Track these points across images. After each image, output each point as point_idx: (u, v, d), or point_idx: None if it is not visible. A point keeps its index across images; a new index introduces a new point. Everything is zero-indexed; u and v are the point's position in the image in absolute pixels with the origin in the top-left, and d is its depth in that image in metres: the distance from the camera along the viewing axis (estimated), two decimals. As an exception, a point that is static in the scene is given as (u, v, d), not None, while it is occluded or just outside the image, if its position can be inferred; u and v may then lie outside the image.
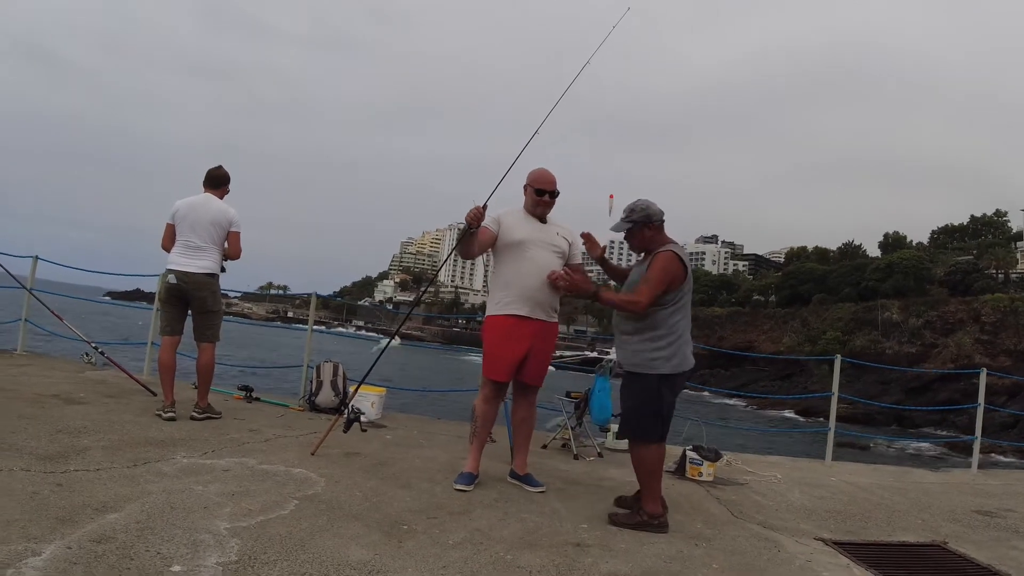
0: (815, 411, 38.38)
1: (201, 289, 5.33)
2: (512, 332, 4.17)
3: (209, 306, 5.42)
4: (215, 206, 5.43)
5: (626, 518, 3.76)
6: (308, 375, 6.71)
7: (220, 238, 5.44)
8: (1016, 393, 39.03)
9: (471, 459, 4.25)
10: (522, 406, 4.43)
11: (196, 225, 5.33)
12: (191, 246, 5.32)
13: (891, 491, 5.65)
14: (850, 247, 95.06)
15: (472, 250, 4.29)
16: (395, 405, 7.14)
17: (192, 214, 5.35)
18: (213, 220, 5.37)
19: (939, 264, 70.01)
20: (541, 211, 4.32)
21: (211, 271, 5.39)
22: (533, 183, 4.31)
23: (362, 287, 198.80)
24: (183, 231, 5.34)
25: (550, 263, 4.20)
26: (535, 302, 4.17)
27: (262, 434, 4.97)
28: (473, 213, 4.10)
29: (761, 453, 7.74)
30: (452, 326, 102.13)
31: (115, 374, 6.70)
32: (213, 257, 5.40)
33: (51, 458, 3.70)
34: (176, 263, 5.30)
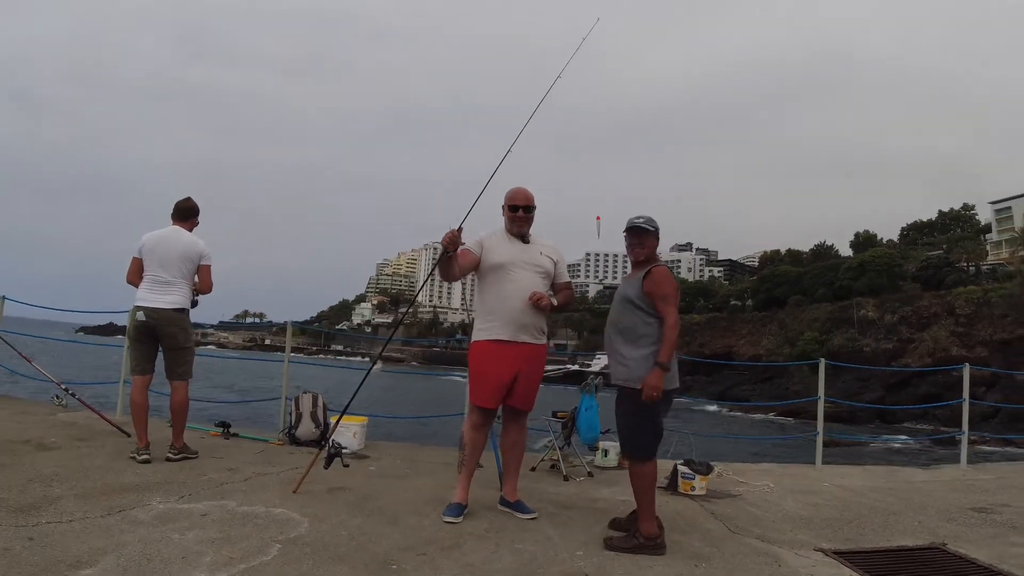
0: (798, 412, 38.59)
1: (171, 325, 5.15)
2: (498, 357, 4.07)
3: (180, 342, 5.22)
4: (184, 239, 5.27)
5: (622, 542, 3.67)
6: (287, 407, 6.53)
7: (190, 272, 5.27)
8: (994, 383, 39.46)
9: (460, 489, 4.11)
10: (512, 430, 4.31)
11: (164, 259, 5.16)
12: (159, 281, 5.14)
13: (883, 493, 5.62)
14: (822, 248, 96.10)
15: (452, 273, 4.13)
16: (378, 433, 6.98)
17: (160, 248, 5.19)
18: (182, 254, 5.21)
19: (911, 260, 70.94)
20: (518, 228, 4.23)
21: (181, 306, 5.21)
22: (507, 201, 4.27)
23: (339, 311, 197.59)
24: (151, 265, 5.17)
25: (533, 284, 4.12)
26: (519, 325, 4.07)
27: (241, 472, 4.80)
28: (449, 236, 3.98)
29: (751, 461, 7.69)
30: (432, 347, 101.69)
31: (87, 416, 6.49)
32: (183, 292, 5.22)
33: (23, 510, 3.55)
34: (144, 299, 5.13)
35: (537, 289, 4.11)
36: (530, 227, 4.29)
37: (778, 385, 52.76)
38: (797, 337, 61.58)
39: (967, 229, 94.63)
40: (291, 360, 7.28)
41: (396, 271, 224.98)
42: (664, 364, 3.66)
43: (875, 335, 56.90)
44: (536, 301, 4.03)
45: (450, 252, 4.02)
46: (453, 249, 4.01)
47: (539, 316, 4.14)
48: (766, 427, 37.93)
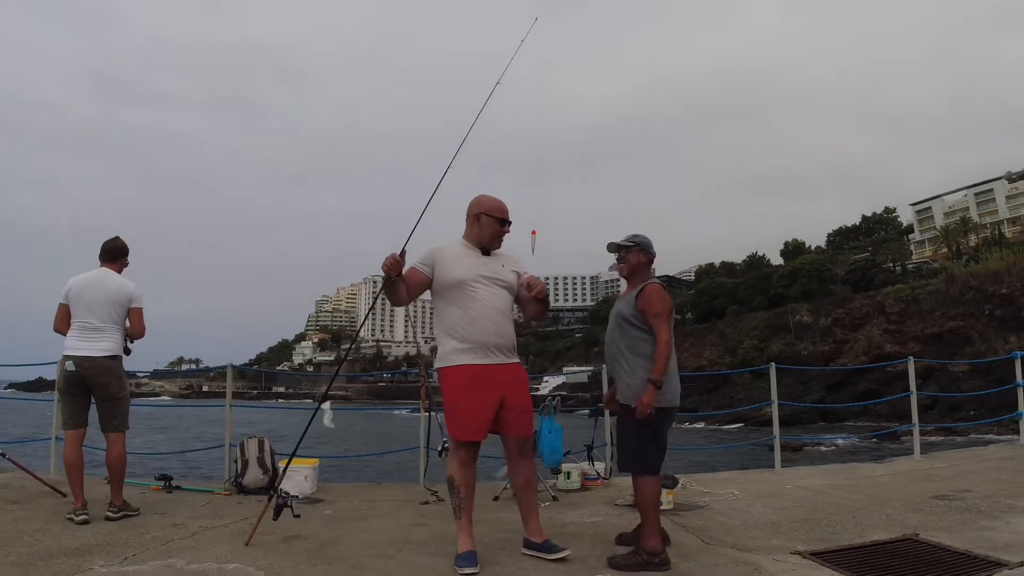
0: (743, 419, 39.29)
1: (103, 374, 4.82)
2: (475, 381, 3.69)
3: (114, 392, 4.87)
4: (113, 282, 4.95)
5: (626, 559, 3.61)
6: (232, 455, 6.21)
7: (120, 316, 4.94)
8: (929, 376, 40.82)
9: (463, 535, 3.68)
10: (521, 466, 3.82)
11: (93, 304, 4.83)
12: (88, 327, 4.82)
13: (846, 490, 5.64)
14: (755, 258, 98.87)
15: (400, 298, 3.79)
16: (331, 475, 6.72)
17: (88, 292, 4.86)
18: (111, 297, 4.88)
19: (839, 264, 73.46)
20: (499, 243, 3.94)
21: (113, 353, 4.89)
22: (491, 211, 3.89)
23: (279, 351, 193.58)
24: (78, 312, 4.84)
25: (499, 301, 3.82)
26: (491, 346, 3.74)
27: (188, 528, 4.49)
28: (389, 262, 3.66)
29: (708, 471, 7.67)
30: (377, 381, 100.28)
31: (19, 476, 6.01)
32: (114, 338, 4.90)
33: (-47, 585, 3.23)
34: (73, 348, 4.80)
35: (502, 306, 3.83)
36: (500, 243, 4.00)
37: (722, 394, 53.66)
38: (737, 346, 62.86)
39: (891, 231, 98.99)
40: (233, 405, 6.96)
41: (336, 307, 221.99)
42: (656, 381, 3.68)
43: (811, 339, 58.46)
44: (536, 293, 3.79)
45: (392, 278, 3.72)
46: (395, 274, 3.71)
47: (510, 333, 3.83)
48: (715, 436, 38.38)
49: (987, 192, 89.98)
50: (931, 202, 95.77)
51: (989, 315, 46.15)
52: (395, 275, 3.71)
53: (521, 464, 3.81)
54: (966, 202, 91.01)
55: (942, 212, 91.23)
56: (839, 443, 27.46)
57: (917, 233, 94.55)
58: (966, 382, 38.66)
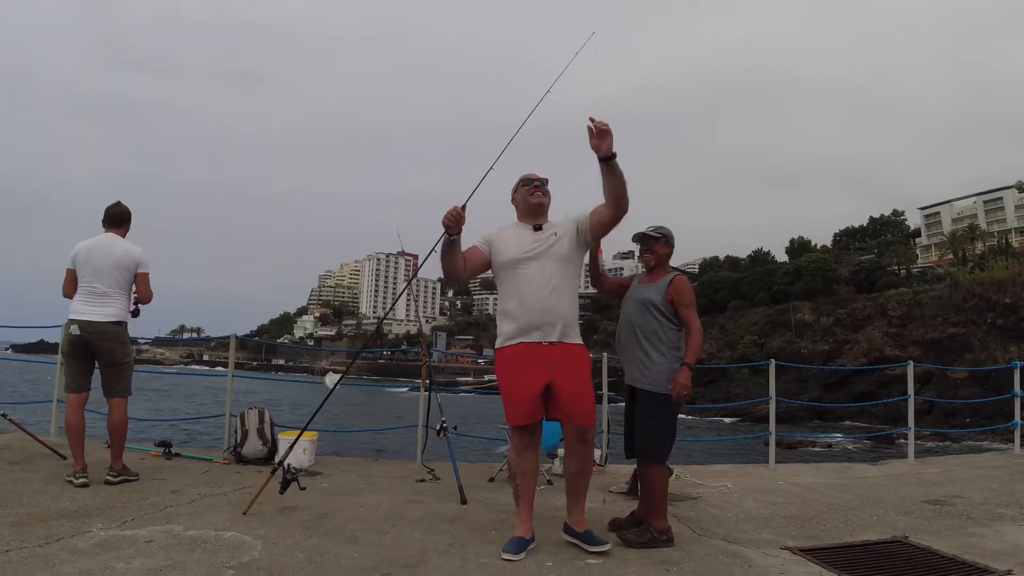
0: (739, 413, 39.38)
1: (107, 339, 4.86)
2: (523, 362, 3.57)
3: (118, 357, 4.92)
4: (119, 247, 4.98)
5: (637, 536, 3.76)
6: (232, 425, 6.27)
7: (127, 282, 4.98)
8: (928, 380, 40.81)
9: (520, 523, 3.64)
10: (574, 453, 3.69)
11: (99, 269, 4.87)
12: (95, 292, 4.86)
13: (839, 489, 5.67)
14: (759, 254, 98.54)
15: (456, 267, 3.62)
16: (329, 449, 6.78)
17: (94, 257, 4.89)
18: (117, 262, 4.91)
19: (844, 264, 73.16)
20: (537, 202, 3.76)
21: (118, 319, 4.92)
22: (520, 183, 3.85)
23: (281, 324, 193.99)
24: (85, 276, 4.88)
25: (550, 276, 3.62)
26: (537, 325, 3.58)
27: (186, 495, 4.55)
28: (451, 214, 3.44)
29: (706, 463, 7.72)
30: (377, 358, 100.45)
31: (20, 437, 6.08)
32: (120, 303, 4.94)
33: (-45, 541, 3.26)
34: (78, 312, 4.83)
35: (555, 281, 3.62)
36: (544, 209, 3.81)
37: (720, 388, 53.66)
38: (737, 340, 62.81)
39: (897, 234, 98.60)
40: (234, 375, 7.01)
41: (339, 283, 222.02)
42: (691, 365, 3.91)
43: (812, 337, 58.38)
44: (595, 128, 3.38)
45: (452, 235, 3.50)
46: (455, 230, 3.48)
47: (562, 311, 3.62)
48: (711, 428, 38.49)
49: (996, 200, 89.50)
50: (940, 207, 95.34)
51: (991, 323, 46.08)
52: (455, 232, 3.51)
53: (574, 450, 3.67)
54: (975, 209, 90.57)
55: (950, 218, 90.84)
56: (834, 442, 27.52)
57: (924, 237, 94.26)
58: (964, 389, 38.69)
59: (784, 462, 7.37)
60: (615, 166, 3.45)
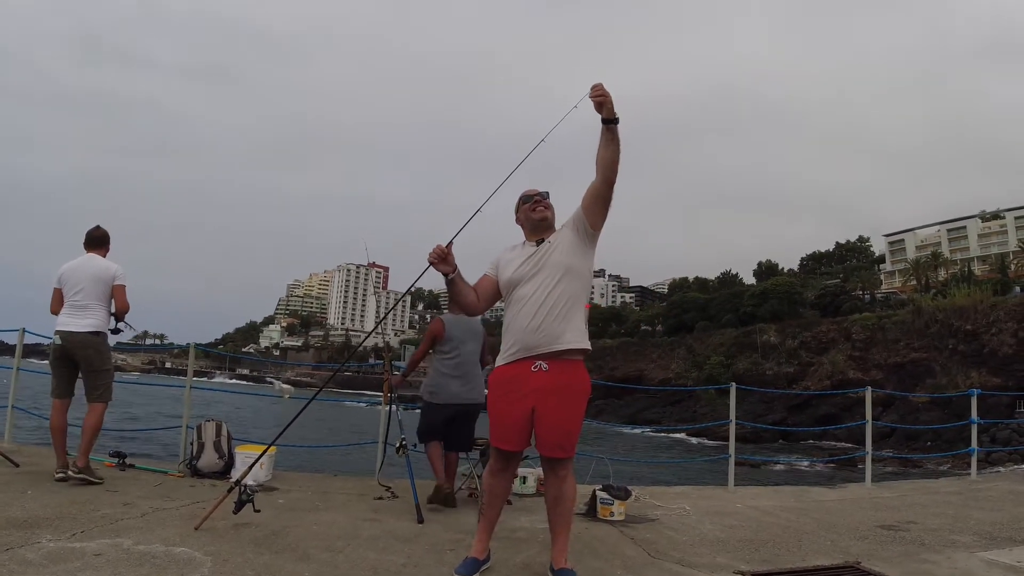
0: (706, 433, 39.67)
1: (86, 348, 5.27)
2: (506, 384, 3.47)
3: (95, 365, 5.32)
4: (98, 263, 5.43)
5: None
6: (188, 437, 6.17)
7: (104, 295, 5.40)
8: (890, 404, 41.51)
9: (476, 541, 3.56)
10: (550, 482, 3.52)
11: (79, 284, 5.32)
12: (76, 306, 5.30)
13: (795, 513, 5.72)
14: (728, 276, 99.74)
15: (466, 302, 3.57)
16: (286, 463, 6.69)
17: (75, 275, 5.35)
18: (95, 276, 5.35)
19: (810, 288, 74.36)
20: (540, 217, 3.62)
21: (95, 329, 5.33)
22: (520, 200, 3.73)
23: (246, 333, 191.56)
24: (68, 293, 5.34)
25: (544, 292, 3.44)
26: (525, 346, 3.41)
27: (138, 507, 4.46)
28: (435, 253, 3.38)
29: (665, 483, 7.75)
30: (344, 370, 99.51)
31: (-30, 445, 5.97)
32: (98, 315, 5.35)
33: None
34: (61, 324, 5.29)
35: (548, 297, 3.43)
36: (551, 219, 3.65)
37: (686, 408, 54.04)
38: (704, 361, 63.36)
39: (863, 259, 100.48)
40: (194, 385, 6.91)
41: (308, 292, 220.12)
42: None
43: (777, 359, 59.06)
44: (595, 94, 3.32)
45: (447, 275, 3.44)
46: (447, 269, 3.41)
47: (553, 330, 3.40)
48: (676, 448, 38.69)
49: (960, 229, 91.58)
50: (904, 234, 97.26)
51: (952, 349, 47.01)
52: (448, 271, 3.43)
53: (550, 479, 3.52)
54: (939, 237, 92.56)
55: (914, 245, 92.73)
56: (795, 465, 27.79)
57: (888, 264, 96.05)
58: (925, 413, 39.34)
59: (745, 483, 7.43)
60: (615, 131, 3.38)
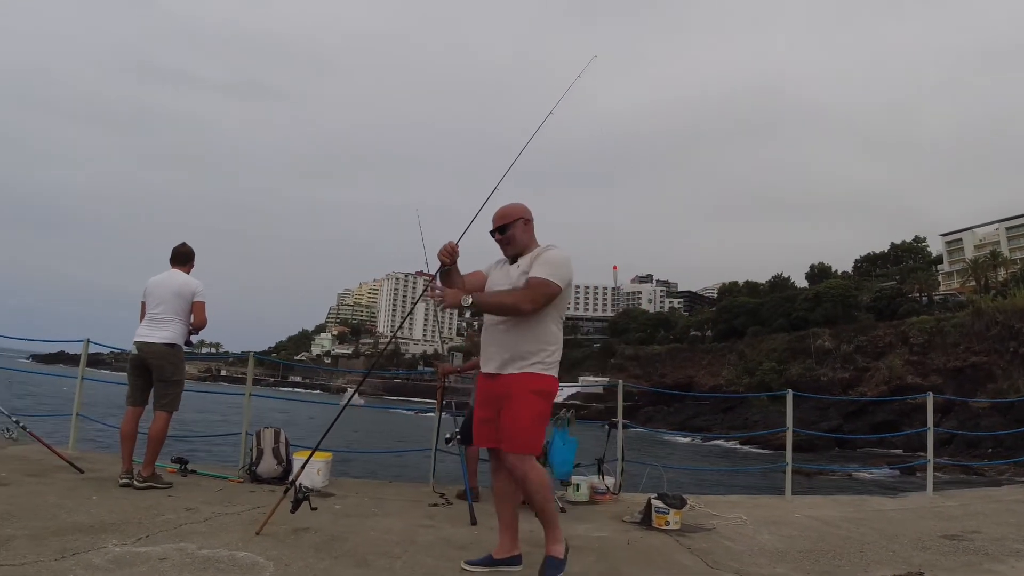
0: (757, 441, 38.96)
1: (159, 358, 5.45)
2: (479, 391, 3.86)
3: (167, 375, 5.49)
4: (179, 279, 5.65)
5: None
6: (247, 443, 6.31)
7: (184, 309, 5.61)
8: (949, 410, 40.27)
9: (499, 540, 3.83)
10: (498, 477, 3.81)
11: (160, 298, 5.54)
12: (155, 318, 5.51)
13: (855, 523, 5.59)
14: (779, 279, 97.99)
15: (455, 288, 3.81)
16: (341, 470, 6.80)
17: (157, 289, 5.58)
18: (176, 292, 5.56)
19: (865, 291, 72.55)
20: (508, 251, 3.86)
21: (170, 341, 5.50)
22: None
23: (299, 341, 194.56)
24: (150, 305, 5.57)
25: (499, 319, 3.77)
26: (488, 357, 3.75)
27: (200, 512, 4.59)
28: (445, 250, 3.66)
29: (719, 492, 7.66)
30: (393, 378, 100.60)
31: (38, 450, 6.14)
32: (174, 328, 5.54)
33: (-30, 553, 3.29)
34: (139, 335, 5.50)
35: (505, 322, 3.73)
36: (515, 247, 3.82)
37: (738, 415, 53.20)
38: (756, 367, 62.42)
39: (919, 260, 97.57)
40: (252, 395, 7.07)
41: (357, 301, 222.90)
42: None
43: (832, 364, 57.91)
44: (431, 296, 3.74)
45: (446, 266, 3.69)
46: (450, 262, 3.67)
47: (510, 342, 3.66)
48: (729, 456, 38.11)
49: (1019, 227, 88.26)
50: (962, 233, 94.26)
51: (1014, 352, 45.43)
52: (448, 262, 3.69)
53: (499, 475, 3.78)
54: (998, 235, 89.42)
55: (972, 244, 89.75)
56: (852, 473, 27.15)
57: (946, 264, 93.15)
58: (986, 419, 38.12)
59: (801, 493, 7.29)
60: (478, 306, 3.70)
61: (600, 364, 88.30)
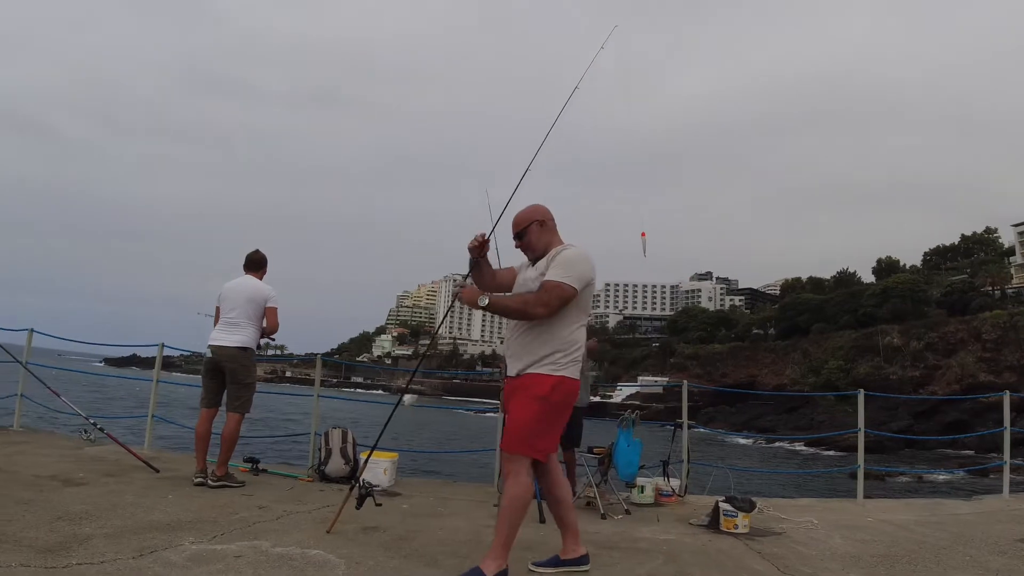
0: (825, 442, 38.06)
1: (232, 361, 5.60)
2: (504, 394, 3.81)
3: (239, 378, 5.63)
4: (252, 285, 5.82)
5: None
6: (316, 443, 6.46)
7: (256, 314, 5.76)
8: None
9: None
10: (539, 482, 3.82)
11: (234, 303, 5.71)
12: (228, 322, 5.68)
13: (930, 527, 5.44)
14: (845, 275, 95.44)
15: (482, 282, 3.82)
16: (407, 468, 6.90)
17: (231, 294, 5.76)
18: (250, 297, 5.74)
19: (934, 285, 70.28)
20: (529, 255, 3.79)
21: (243, 344, 5.66)
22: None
23: (360, 343, 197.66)
24: (224, 310, 5.75)
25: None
26: (508, 358, 3.71)
27: (272, 511, 4.71)
28: (476, 242, 3.68)
29: (784, 495, 7.52)
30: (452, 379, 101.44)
31: (114, 450, 6.40)
32: (247, 332, 5.69)
33: (52, 550, 3.42)
34: (213, 339, 5.67)
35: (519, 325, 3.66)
36: (534, 251, 3.75)
37: (802, 415, 52.03)
38: (821, 366, 60.94)
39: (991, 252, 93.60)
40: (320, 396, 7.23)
41: (416, 303, 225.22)
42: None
43: (901, 362, 56.18)
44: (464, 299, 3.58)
45: (476, 257, 3.70)
46: (479, 253, 3.69)
47: (523, 345, 3.60)
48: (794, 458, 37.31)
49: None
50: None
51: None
52: (478, 255, 3.70)
53: (541, 480, 3.75)
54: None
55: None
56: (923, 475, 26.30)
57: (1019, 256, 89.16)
58: (1066, 419, 36.48)
59: (871, 496, 7.11)
60: (491, 308, 3.53)
61: (659, 364, 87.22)
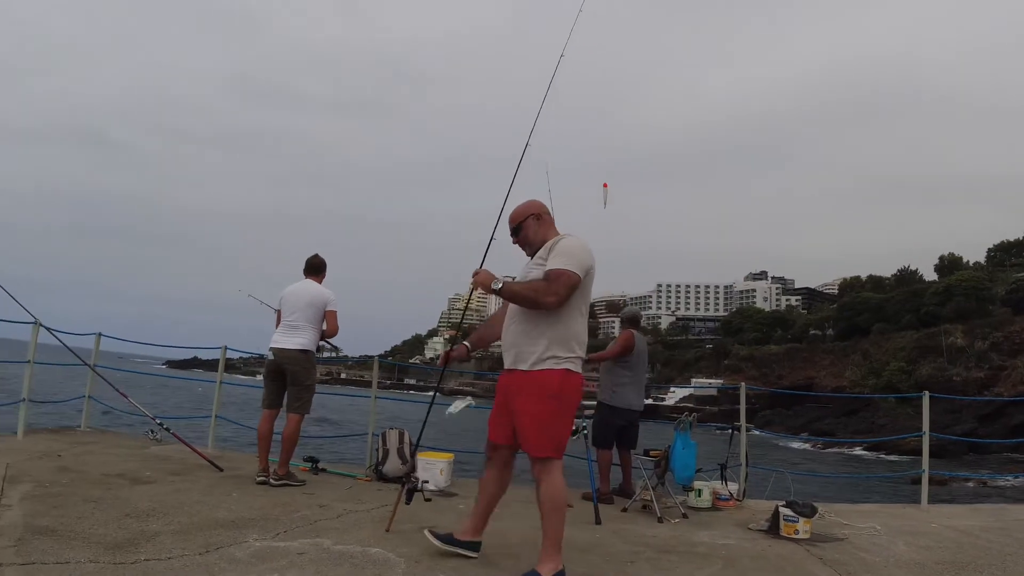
0: (886, 446, 37.08)
1: (293, 363, 5.72)
2: (498, 385, 3.76)
3: (300, 380, 5.74)
4: (313, 288, 5.93)
5: None
6: (373, 443, 6.57)
7: (316, 318, 5.86)
8: (1096, 412, 37.20)
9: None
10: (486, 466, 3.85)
11: (294, 307, 5.83)
12: (289, 325, 5.79)
13: (996, 533, 5.31)
14: (906, 273, 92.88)
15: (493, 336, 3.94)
16: (461, 470, 6.95)
17: (292, 297, 5.88)
18: (310, 301, 5.83)
19: (999, 283, 67.89)
20: (527, 250, 3.81)
21: (304, 347, 5.76)
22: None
23: (412, 345, 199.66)
24: (285, 313, 5.87)
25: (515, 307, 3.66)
26: (505, 353, 3.65)
27: (332, 509, 4.81)
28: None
29: (845, 500, 7.36)
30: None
31: (179, 449, 6.61)
32: (308, 335, 5.79)
33: (120, 547, 3.55)
34: (275, 341, 5.81)
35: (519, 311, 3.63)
36: (532, 246, 3.76)
37: (863, 418, 50.73)
38: (882, 367, 59.41)
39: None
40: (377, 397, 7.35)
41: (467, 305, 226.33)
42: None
43: (965, 363, 54.43)
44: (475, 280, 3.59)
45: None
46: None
47: (520, 340, 3.57)
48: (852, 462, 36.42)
49: None
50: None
51: None
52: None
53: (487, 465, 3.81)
54: None
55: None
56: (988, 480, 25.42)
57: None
58: None
59: (934, 501, 6.93)
60: (503, 293, 3.52)
61: (713, 365, 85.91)
